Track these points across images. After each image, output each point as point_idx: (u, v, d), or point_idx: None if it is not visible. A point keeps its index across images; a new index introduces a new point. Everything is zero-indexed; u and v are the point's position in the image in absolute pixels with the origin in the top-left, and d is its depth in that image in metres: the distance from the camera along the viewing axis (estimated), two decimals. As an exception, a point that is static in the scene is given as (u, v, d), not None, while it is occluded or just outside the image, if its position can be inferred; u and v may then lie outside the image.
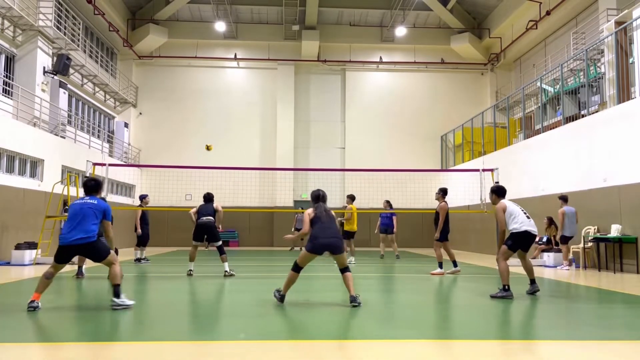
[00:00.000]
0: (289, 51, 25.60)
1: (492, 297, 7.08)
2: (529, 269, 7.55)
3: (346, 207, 13.84)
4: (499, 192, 7.65)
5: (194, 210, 10.32)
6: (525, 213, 7.34)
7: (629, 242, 11.15)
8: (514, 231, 7.22)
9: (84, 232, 6.03)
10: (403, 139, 25.46)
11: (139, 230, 13.23)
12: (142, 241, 13.44)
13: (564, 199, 12.51)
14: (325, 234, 6.36)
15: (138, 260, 13.32)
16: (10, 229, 13.77)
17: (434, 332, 5.13)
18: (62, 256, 6.08)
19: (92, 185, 6.55)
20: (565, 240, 12.29)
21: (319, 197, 6.73)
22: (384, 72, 26.23)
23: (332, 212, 6.68)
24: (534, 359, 4.05)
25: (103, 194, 14.62)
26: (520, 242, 7.26)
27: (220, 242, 10.09)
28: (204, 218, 10.09)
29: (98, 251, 6.16)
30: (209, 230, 10.08)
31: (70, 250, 6.06)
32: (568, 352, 4.19)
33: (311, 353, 4.12)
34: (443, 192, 10.94)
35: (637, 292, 7.99)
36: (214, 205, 10.37)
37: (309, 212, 6.55)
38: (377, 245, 19.31)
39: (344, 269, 6.47)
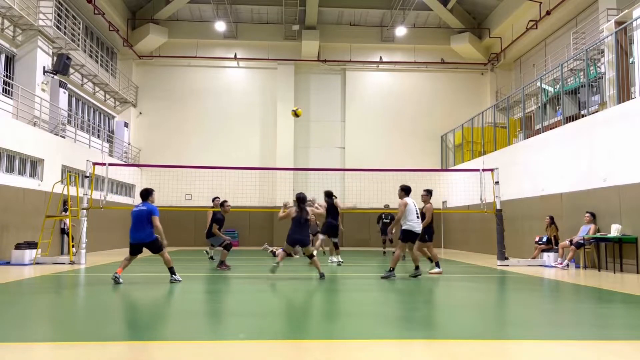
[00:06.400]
0: (289, 51, 25.59)
1: None
2: None
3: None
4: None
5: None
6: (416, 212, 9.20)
7: (629, 242, 11.15)
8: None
9: (144, 233, 8.44)
10: (403, 138, 25.44)
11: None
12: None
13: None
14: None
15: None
16: (10, 229, 13.76)
17: (433, 333, 5.13)
18: (133, 250, 8.62)
19: (143, 194, 8.74)
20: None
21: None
22: (384, 72, 26.21)
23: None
24: (534, 359, 4.05)
25: (103, 194, 14.70)
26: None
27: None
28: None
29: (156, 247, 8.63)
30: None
31: (137, 246, 8.54)
32: (568, 352, 4.19)
33: (311, 353, 4.12)
34: (429, 193, 11.44)
35: (637, 292, 7.99)
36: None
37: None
38: (377, 245, 19.29)
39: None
